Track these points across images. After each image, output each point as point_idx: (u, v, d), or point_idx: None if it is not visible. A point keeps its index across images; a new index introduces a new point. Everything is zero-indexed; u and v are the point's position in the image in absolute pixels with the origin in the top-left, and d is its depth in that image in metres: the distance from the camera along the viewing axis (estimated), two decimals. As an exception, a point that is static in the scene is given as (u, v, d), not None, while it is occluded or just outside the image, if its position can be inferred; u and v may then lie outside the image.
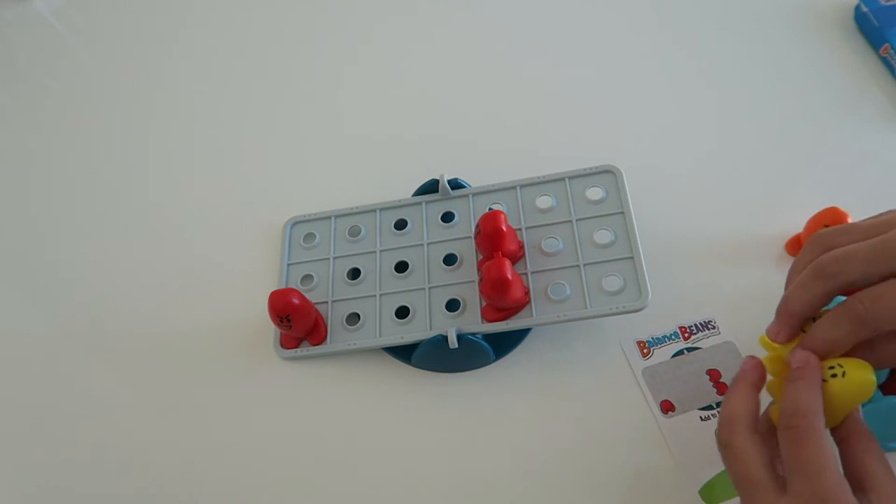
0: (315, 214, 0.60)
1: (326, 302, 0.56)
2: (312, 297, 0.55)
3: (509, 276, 0.48)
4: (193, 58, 0.74)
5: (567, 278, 0.52)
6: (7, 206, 0.65)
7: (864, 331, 0.35)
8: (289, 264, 0.58)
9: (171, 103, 0.70)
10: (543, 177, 0.57)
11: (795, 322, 0.37)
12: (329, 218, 0.60)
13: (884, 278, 0.34)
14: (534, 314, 0.51)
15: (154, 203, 0.64)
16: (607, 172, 0.56)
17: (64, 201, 0.65)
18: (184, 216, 0.63)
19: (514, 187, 0.58)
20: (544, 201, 0.56)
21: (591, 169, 0.56)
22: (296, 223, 0.60)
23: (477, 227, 0.51)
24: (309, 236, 0.59)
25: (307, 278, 0.57)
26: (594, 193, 0.55)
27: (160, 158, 0.67)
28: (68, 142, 0.68)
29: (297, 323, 0.51)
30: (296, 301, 0.51)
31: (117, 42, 0.75)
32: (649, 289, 0.50)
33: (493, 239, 0.51)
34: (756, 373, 0.39)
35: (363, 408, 0.52)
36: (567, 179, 0.57)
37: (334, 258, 0.58)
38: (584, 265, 0.52)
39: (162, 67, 0.73)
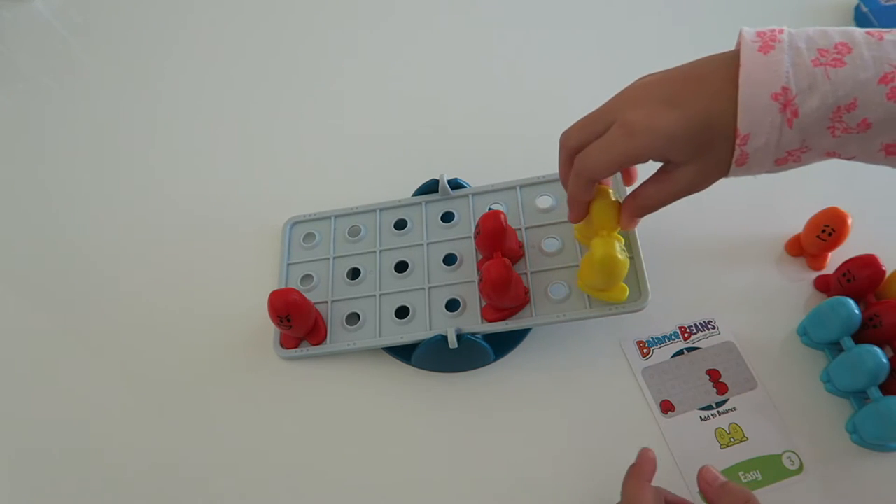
0: (315, 214, 0.60)
1: (326, 302, 0.55)
2: (312, 297, 0.55)
3: (509, 276, 0.48)
4: (193, 58, 0.74)
5: (567, 278, 0.52)
6: (6, 206, 0.65)
7: (584, 182, 0.44)
8: (289, 264, 0.58)
9: (171, 103, 0.70)
10: (543, 177, 0.57)
11: (564, 184, 0.47)
12: (329, 218, 0.60)
13: (600, 135, 0.42)
14: (534, 314, 0.51)
15: (153, 203, 0.64)
16: None
17: (63, 201, 0.65)
18: (183, 216, 0.63)
19: (513, 187, 0.58)
20: (544, 201, 0.56)
21: None
22: (296, 223, 0.60)
23: (477, 226, 0.51)
24: (309, 236, 0.59)
25: (307, 278, 0.57)
26: None
27: (160, 158, 0.67)
28: (68, 142, 0.68)
29: (297, 323, 0.51)
30: (296, 300, 0.51)
31: (117, 42, 0.75)
32: (649, 289, 0.50)
33: (493, 239, 0.51)
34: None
35: (363, 408, 0.52)
36: None
37: (334, 258, 0.58)
38: None
39: (162, 68, 0.73)
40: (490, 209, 0.57)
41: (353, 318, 0.54)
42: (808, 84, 0.37)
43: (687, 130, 0.39)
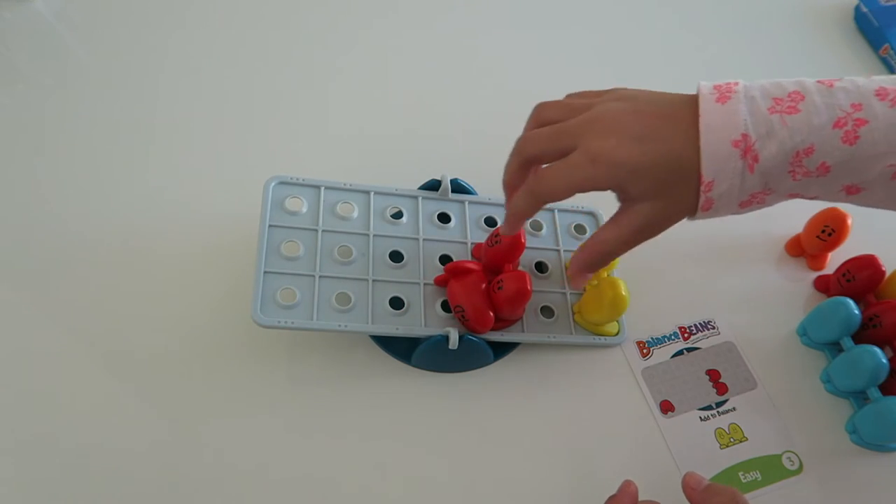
0: (302, 179, 0.56)
1: (313, 276, 0.52)
2: (296, 268, 0.52)
3: (530, 289, 0.48)
4: (194, 57, 0.74)
5: (554, 301, 0.54)
6: (7, 206, 0.65)
7: (536, 201, 0.43)
8: (270, 225, 0.53)
9: (171, 103, 0.70)
10: None
11: (508, 189, 0.46)
12: (318, 187, 0.56)
13: (562, 154, 0.41)
14: (524, 330, 0.52)
15: (153, 200, 0.64)
16: (590, 214, 0.59)
17: (62, 200, 0.65)
18: (179, 213, 0.62)
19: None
20: (535, 225, 0.58)
21: (577, 207, 0.59)
22: (280, 183, 0.55)
23: (497, 236, 0.51)
24: (294, 201, 0.55)
25: (291, 245, 0.53)
26: (581, 230, 0.58)
27: (162, 159, 0.67)
28: (67, 142, 0.68)
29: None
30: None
31: (117, 42, 0.75)
32: (625, 327, 0.54)
33: (514, 251, 0.51)
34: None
35: (362, 407, 0.52)
36: (556, 211, 0.59)
37: (322, 231, 0.54)
38: (570, 293, 0.55)
39: (162, 67, 0.73)
40: (483, 221, 0.57)
41: (344, 298, 0.52)
42: (766, 130, 0.38)
43: (652, 165, 0.40)
